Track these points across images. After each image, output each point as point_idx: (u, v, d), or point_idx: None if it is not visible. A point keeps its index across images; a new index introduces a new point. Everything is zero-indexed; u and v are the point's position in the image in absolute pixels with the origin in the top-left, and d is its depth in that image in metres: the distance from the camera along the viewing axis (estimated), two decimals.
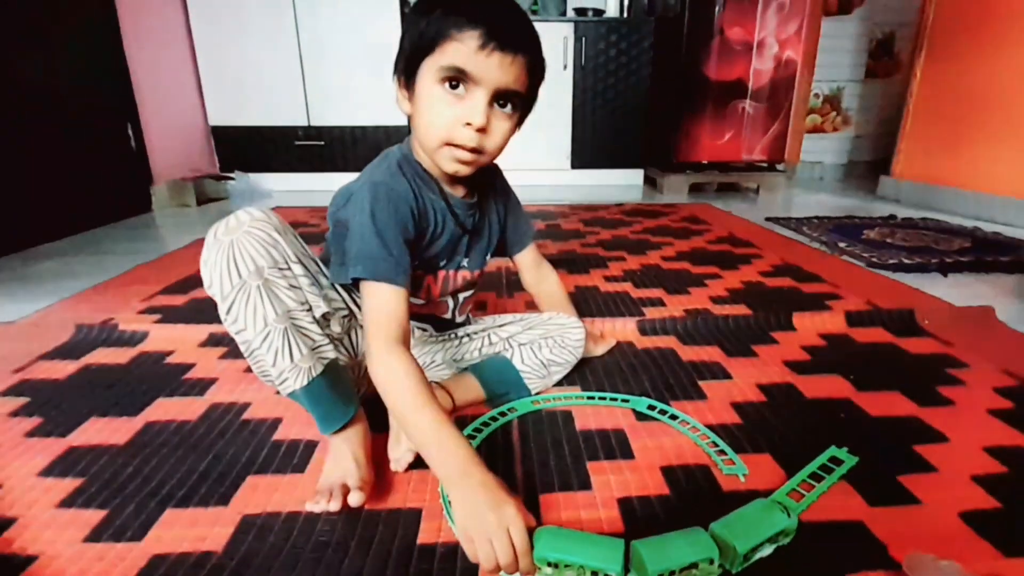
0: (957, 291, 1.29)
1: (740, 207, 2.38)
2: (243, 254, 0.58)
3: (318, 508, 0.57)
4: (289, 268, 0.62)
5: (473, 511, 0.50)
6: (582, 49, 2.63)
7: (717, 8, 2.39)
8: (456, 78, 0.57)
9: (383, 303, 0.60)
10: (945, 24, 2.23)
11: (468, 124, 0.58)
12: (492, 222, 0.78)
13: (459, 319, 0.83)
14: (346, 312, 0.70)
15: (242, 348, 0.63)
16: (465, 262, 0.75)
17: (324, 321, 0.65)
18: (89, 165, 1.94)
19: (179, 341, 0.99)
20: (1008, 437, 0.72)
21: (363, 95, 2.57)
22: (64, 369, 0.90)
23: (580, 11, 2.71)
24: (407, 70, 0.61)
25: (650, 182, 2.93)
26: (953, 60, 2.20)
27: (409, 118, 0.66)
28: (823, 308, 1.14)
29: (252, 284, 0.58)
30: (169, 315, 1.10)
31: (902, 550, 0.52)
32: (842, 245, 1.66)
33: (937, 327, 1.06)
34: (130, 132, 2.12)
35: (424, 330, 0.80)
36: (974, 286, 1.35)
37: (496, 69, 0.57)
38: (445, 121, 0.59)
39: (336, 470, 0.61)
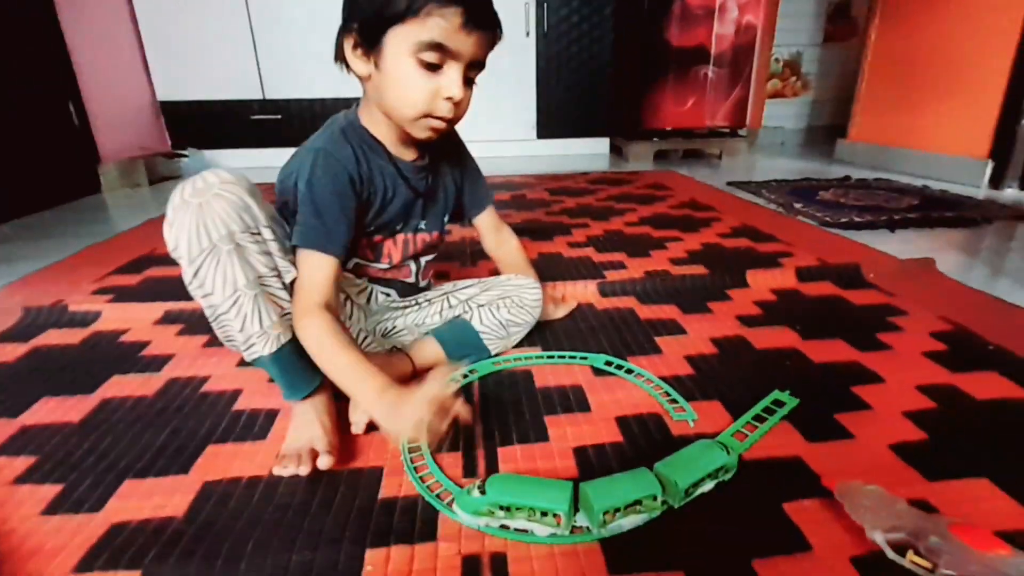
0: (904, 246, 1.35)
1: (703, 173, 2.41)
2: (213, 217, 0.56)
3: (287, 472, 0.58)
4: (260, 232, 0.60)
5: (391, 413, 0.55)
6: (544, 16, 2.59)
7: None
8: (434, 53, 0.58)
9: (310, 270, 0.62)
10: None
11: (448, 98, 0.60)
12: (447, 184, 0.79)
13: (422, 284, 0.84)
14: None
15: (207, 312, 0.62)
16: (423, 224, 0.76)
17: (292, 287, 0.65)
18: (29, 145, 1.84)
19: (133, 320, 0.97)
20: (939, 376, 0.77)
21: (320, 66, 2.46)
22: (12, 352, 0.87)
23: None
24: (368, 33, 0.60)
25: (616, 150, 2.94)
26: (905, 23, 2.25)
27: (361, 79, 0.65)
28: (776, 266, 1.18)
29: (223, 248, 0.57)
30: (122, 295, 1.08)
31: (835, 479, 0.56)
32: (798, 206, 1.70)
33: (881, 279, 1.11)
34: (72, 110, 2.02)
35: (388, 295, 0.80)
36: (919, 241, 1.41)
37: (474, 45, 0.60)
38: (423, 95, 0.60)
39: (302, 435, 0.62)
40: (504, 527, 0.50)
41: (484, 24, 0.59)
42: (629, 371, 0.78)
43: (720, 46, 2.52)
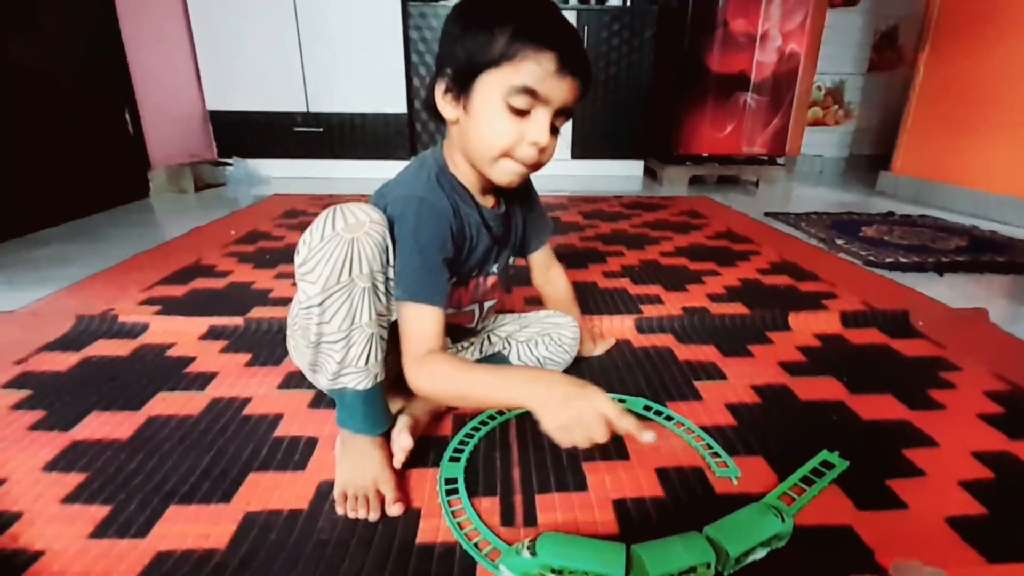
0: (952, 291, 1.30)
1: (740, 200, 2.38)
2: (361, 255, 0.57)
3: (357, 516, 0.58)
4: (387, 273, 0.61)
5: (559, 404, 0.52)
6: (584, 37, 2.60)
7: None
8: (525, 98, 0.58)
9: (420, 322, 0.61)
10: (950, 18, 2.22)
11: (533, 143, 0.60)
12: (517, 225, 0.79)
13: (478, 328, 0.83)
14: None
15: (308, 335, 0.60)
16: (495, 268, 0.76)
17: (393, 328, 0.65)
18: (86, 150, 1.92)
19: (180, 334, 1.00)
20: (996, 442, 0.73)
21: (362, 82, 2.54)
22: (65, 361, 0.90)
23: None
24: (460, 78, 0.60)
25: (650, 173, 2.92)
26: (956, 55, 2.19)
27: (448, 124, 0.65)
28: (819, 308, 1.15)
29: (360, 286, 0.57)
30: (169, 306, 1.11)
31: (889, 555, 0.53)
32: (840, 242, 1.66)
33: (931, 329, 1.07)
34: (127, 117, 2.10)
35: None
36: (969, 286, 1.36)
37: (566, 91, 0.59)
38: (509, 138, 0.60)
39: (363, 474, 0.62)
40: None
41: (576, 71, 0.59)
42: (669, 418, 0.77)
43: (761, 74, 2.50)
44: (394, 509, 0.59)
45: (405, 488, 0.63)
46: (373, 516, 0.58)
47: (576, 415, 0.51)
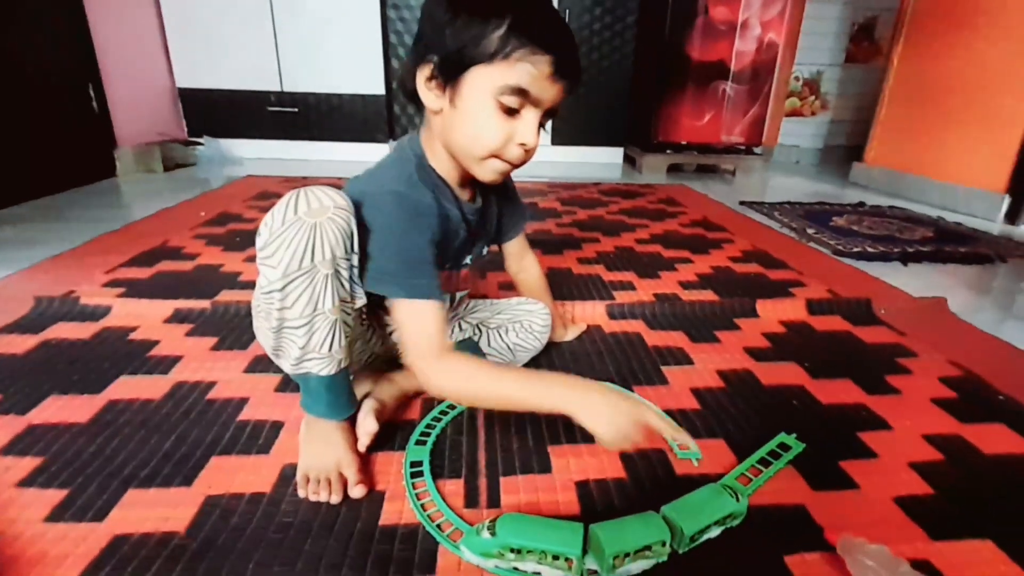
0: (916, 281, 1.34)
1: (717, 189, 2.40)
2: (323, 240, 0.55)
3: (319, 499, 0.58)
4: (350, 259, 0.59)
5: (616, 416, 0.55)
6: (566, 20, 2.57)
7: None
8: (517, 98, 0.57)
9: (425, 320, 0.60)
10: (924, 13, 2.25)
11: (521, 144, 0.59)
12: (491, 216, 0.78)
13: (451, 315, 0.83)
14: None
15: (270, 321, 0.58)
16: (468, 259, 0.75)
17: (359, 315, 0.64)
18: (49, 127, 1.85)
19: (143, 317, 0.98)
20: (947, 426, 0.76)
21: (339, 61, 2.49)
22: (23, 344, 0.88)
23: None
24: (448, 69, 0.58)
25: (629, 161, 2.93)
26: (929, 49, 2.23)
27: (431, 112, 0.63)
28: (786, 295, 1.17)
29: (322, 271, 0.55)
30: (133, 289, 1.08)
31: (837, 533, 0.55)
32: (811, 232, 1.70)
33: (893, 317, 1.10)
34: (92, 93, 2.02)
35: None
36: (932, 276, 1.40)
37: (556, 94, 0.59)
38: (497, 137, 0.59)
39: (325, 457, 0.61)
40: (515, 569, 0.50)
41: (570, 74, 0.59)
42: None
43: (740, 62, 2.51)
44: (356, 491, 0.59)
45: (370, 471, 0.63)
46: (335, 498, 0.58)
47: (623, 417, 0.54)
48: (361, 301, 0.62)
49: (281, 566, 0.51)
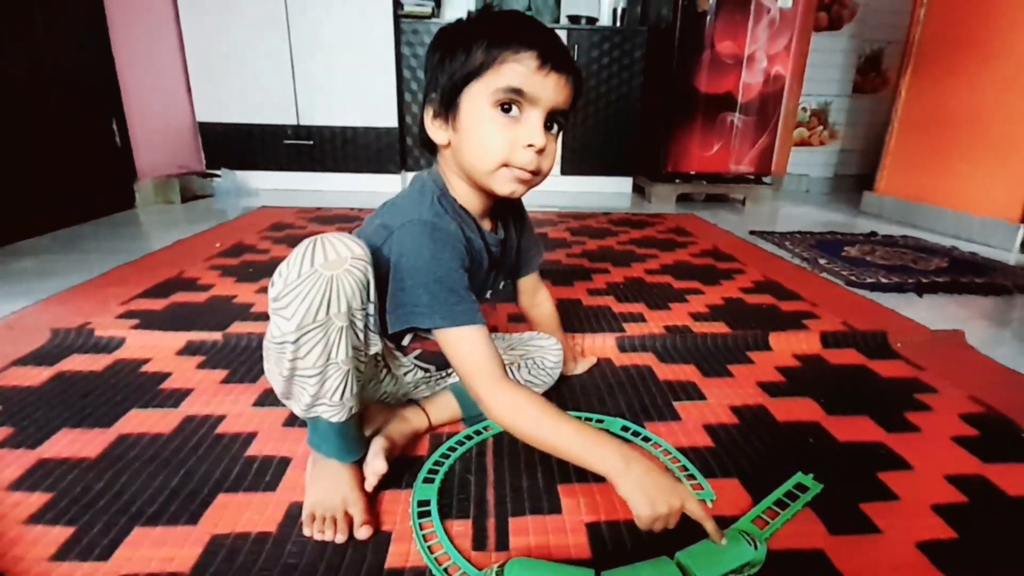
0: (932, 312, 1.32)
1: (727, 218, 2.40)
2: (340, 293, 0.54)
3: (324, 538, 0.57)
4: (365, 308, 0.58)
5: (656, 495, 0.53)
6: (575, 56, 2.64)
7: (708, 21, 2.41)
8: (512, 100, 0.58)
9: (476, 346, 0.59)
10: (931, 43, 2.27)
11: (529, 146, 0.59)
12: (512, 250, 0.78)
13: None
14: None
15: (282, 368, 0.57)
16: (488, 294, 0.76)
17: (373, 357, 0.64)
18: (72, 160, 1.91)
19: (156, 348, 0.99)
20: (970, 466, 0.74)
21: (353, 95, 2.56)
22: (38, 376, 0.89)
23: (574, 19, 2.72)
24: (446, 98, 0.61)
25: (639, 191, 2.95)
26: (937, 79, 2.24)
27: (441, 149, 0.65)
28: (800, 327, 1.16)
29: (336, 324, 0.54)
30: (147, 320, 1.10)
31: None
32: (823, 262, 1.68)
33: (909, 350, 1.08)
34: (115, 128, 2.09)
35: (427, 371, 0.77)
36: (948, 307, 1.37)
37: (552, 89, 0.59)
38: (503, 144, 0.59)
39: (332, 495, 0.61)
40: None
41: (560, 66, 0.59)
42: (646, 439, 0.77)
43: (748, 94, 2.54)
44: (362, 532, 0.58)
45: (377, 510, 0.62)
46: (340, 538, 0.57)
47: (663, 501, 0.53)
48: (375, 348, 0.61)
49: None
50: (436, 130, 0.63)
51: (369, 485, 0.63)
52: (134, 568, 0.54)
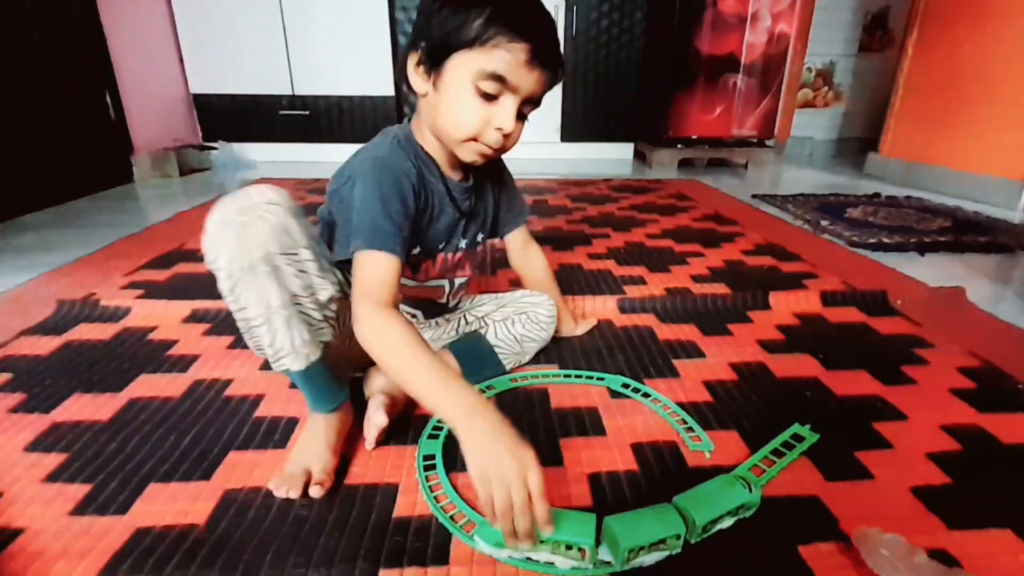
0: (933, 271, 1.31)
1: (728, 183, 2.38)
2: (254, 238, 0.55)
3: (280, 493, 0.59)
4: (297, 253, 0.58)
5: (491, 454, 0.49)
6: (573, 19, 2.57)
7: None
8: (494, 84, 0.59)
9: (376, 270, 0.61)
10: (937, 2, 2.21)
11: (499, 129, 0.61)
12: (488, 203, 0.79)
13: (451, 303, 0.84)
14: (342, 294, 0.68)
15: (240, 323, 0.60)
16: (462, 243, 0.77)
17: (327, 304, 0.64)
18: (67, 135, 1.90)
19: (162, 317, 1.00)
20: (965, 416, 0.75)
21: (349, 64, 2.51)
22: (47, 345, 0.90)
23: None
24: (433, 55, 0.61)
25: (640, 156, 2.91)
26: (944, 38, 2.19)
27: (418, 96, 0.66)
28: (800, 288, 1.16)
29: (259, 269, 0.55)
30: (152, 291, 1.10)
31: (853, 524, 0.55)
32: (824, 224, 1.67)
33: (909, 307, 1.08)
34: (108, 101, 2.07)
35: (414, 316, 0.80)
36: (950, 266, 1.37)
37: (534, 83, 0.61)
38: (476, 121, 0.61)
39: (306, 452, 0.62)
40: (528, 559, 0.50)
41: (548, 63, 0.60)
42: (646, 395, 0.78)
43: (751, 55, 2.48)
44: (313, 491, 0.58)
45: (383, 464, 0.64)
46: (293, 494, 0.58)
47: (497, 462, 0.48)
48: (325, 293, 0.61)
49: (297, 558, 0.52)
50: (417, 78, 0.64)
51: (371, 439, 0.64)
52: (150, 521, 0.56)
